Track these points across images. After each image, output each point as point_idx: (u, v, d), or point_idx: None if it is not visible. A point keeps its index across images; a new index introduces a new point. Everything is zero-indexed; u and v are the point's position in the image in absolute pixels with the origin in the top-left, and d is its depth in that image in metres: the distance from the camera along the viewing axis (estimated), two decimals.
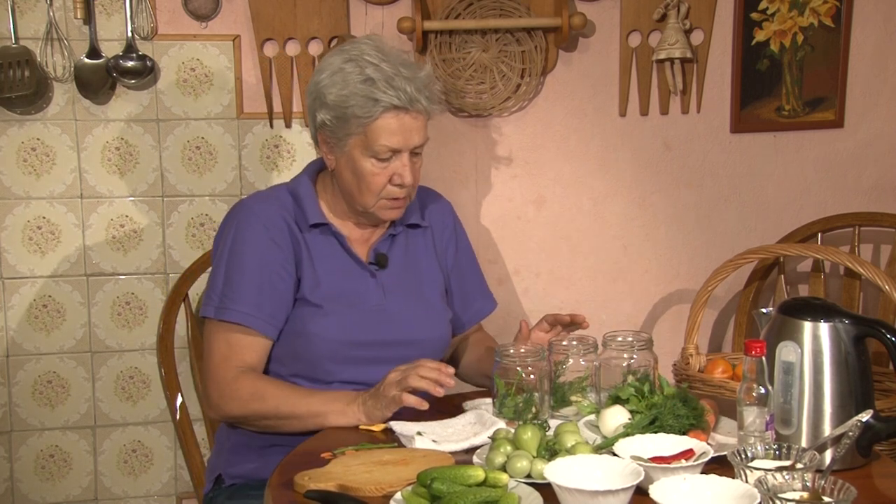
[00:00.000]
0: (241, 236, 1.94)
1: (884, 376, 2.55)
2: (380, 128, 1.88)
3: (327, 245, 1.98)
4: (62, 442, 2.62)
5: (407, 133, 1.90)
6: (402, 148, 1.90)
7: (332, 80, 1.91)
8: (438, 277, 2.10)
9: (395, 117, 1.88)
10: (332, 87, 1.91)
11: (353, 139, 1.91)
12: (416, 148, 1.93)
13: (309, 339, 1.91)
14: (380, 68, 1.88)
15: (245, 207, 1.99)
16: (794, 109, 2.82)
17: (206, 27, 2.56)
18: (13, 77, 2.43)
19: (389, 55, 1.92)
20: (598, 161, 2.78)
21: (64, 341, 2.59)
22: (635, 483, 1.37)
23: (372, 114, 1.87)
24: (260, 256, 1.92)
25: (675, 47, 2.66)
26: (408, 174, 1.91)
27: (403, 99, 1.87)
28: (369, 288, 1.98)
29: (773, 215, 2.88)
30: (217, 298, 1.91)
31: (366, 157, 1.90)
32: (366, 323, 1.95)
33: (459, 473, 1.42)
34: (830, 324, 1.59)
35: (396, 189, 1.93)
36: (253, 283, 1.90)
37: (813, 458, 1.41)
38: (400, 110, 1.88)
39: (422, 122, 1.92)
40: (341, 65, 1.92)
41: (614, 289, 2.84)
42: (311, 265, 1.95)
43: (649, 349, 1.80)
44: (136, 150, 2.57)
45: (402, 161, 1.91)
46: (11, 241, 2.54)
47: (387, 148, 1.89)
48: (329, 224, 1.99)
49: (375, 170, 1.91)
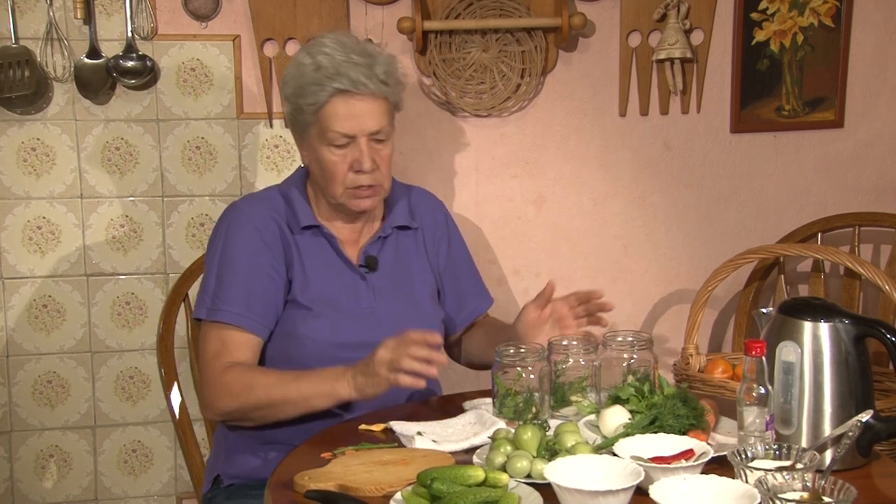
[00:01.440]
0: (233, 238, 1.95)
1: (884, 376, 2.56)
2: (330, 113, 1.89)
3: (318, 247, 1.98)
4: (62, 442, 2.62)
5: (358, 117, 1.89)
6: (356, 133, 1.90)
7: (290, 73, 1.95)
8: (429, 279, 2.10)
9: (343, 102, 1.89)
10: (291, 80, 1.94)
11: (312, 129, 1.93)
12: (374, 134, 1.92)
13: (300, 341, 1.92)
14: (331, 56, 1.89)
15: (236, 210, 2.00)
16: (794, 109, 2.82)
17: (206, 27, 2.56)
18: (13, 77, 2.43)
19: (347, 45, 1.92)
20: (598, 161, 2.78)
21: (64, 341, 2.59)
22: (635, 483, 1.37)
23: (318, 100, 1.89)
24: (250, 258, 1.93)
25: (675, 47, 2.66)
26: (366, 159, 1.90)
27: (347, 83, 1.87)
28: (360, 290, 1.98)
29: (773, 215, 2.88)
30: (209, 300, 1.92)
31: (324, 145, 1.92)
32: (356, 325, 1.95)
33: (459, 473, 1.42)
34: (830, 324, 1.59)
35: (361, 176, 1.92)
36: (244, 285, 1.91)
37: (813, 458, 1.41)
38: (346, 94, 1.88)
39: (376, 106, 1.91)
40: (300, 59, 1.94)
41: (614, 289, 2.84)
42: (302, 267, 1.96)
43: (649, 349, 1.80)
44: (136, 150, 2.57)
45: (359, 147, 1.90)
46: (11, 241, 2.54)
47: (339, 133, 1.89)
48: (320, 226, 1.99)
49: (335, 158, 1.91)
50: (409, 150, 2.68)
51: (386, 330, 1.94)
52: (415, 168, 2.68)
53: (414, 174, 2.65)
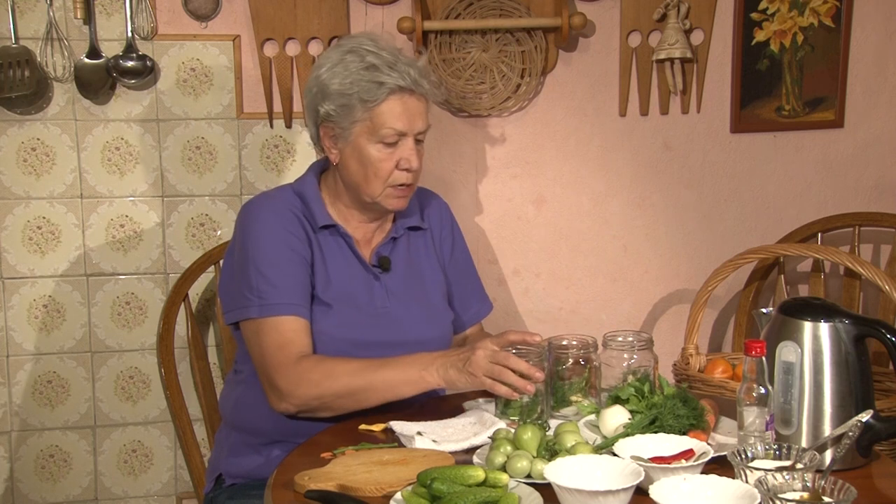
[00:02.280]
0: (260, 233, 1.94)
1: (884, 376, 2.56)
2: (386, 111, 1.91)
3: (336, 246, 1.99)
4: (62, 442, 2.62)
5: (412, 115, 1.92)
6: (408, 131, 1.92)
7: (333, 71, 1.94)
8: (440, 278, 2.11)
9: (400, 99, 1.91)
10: (335, 77, 1.93)
11: (359, 126, 1.92)
12: (420, 133, 1.95)
13: (315, 336, 1.92)
14: (379, 55, 1.92)
15: (255, 205, 2.00)
16: (794, 109, 2.82)
17: (206, 27, 2.56)
18: (13, 77, 2.43)
19: (388, 47, 1.96)
20: (598, 161, 2.78)
21: (64, 341, 2.59)
22: (635, 483, 1.37)
23: (377, 97, 1.90)
24: (284, 248, 1.93)
25: (675, 47, 2.66)
26: (414, 158, 1.93)
27: (408, 80, 1.91)
28: (374, 290, 1.99)
29: (773, 215, 2.88)
30: (256, 298, 1.89)
31: (372, 143, 1.92)
32: (371, 324, 1.96)
33: (459, 473, 1.42)
34: (830, 324, 1.59)
35: (403, 175, 1.94)
36: (287, 275, 1.91)
37: (813, 458, 1.41)
38: (405, 92, 1.91)
39: (424, 106, 1.96)
40: (341, 56, 1.95)
41: (614, 289, 2.84)
42: (323, 264, 1.97)
43: (649, 349, 1.81)
44: (136, 150, 2.57)
45: (408, 145, 1.93)
46: (11, 241, 2.54)
47: (393, 131, 1.91)
48: (337, 225, 2.00)
49: (382, 155, 1.92)
50: None
51: (399, 329, 1.97)
52: None
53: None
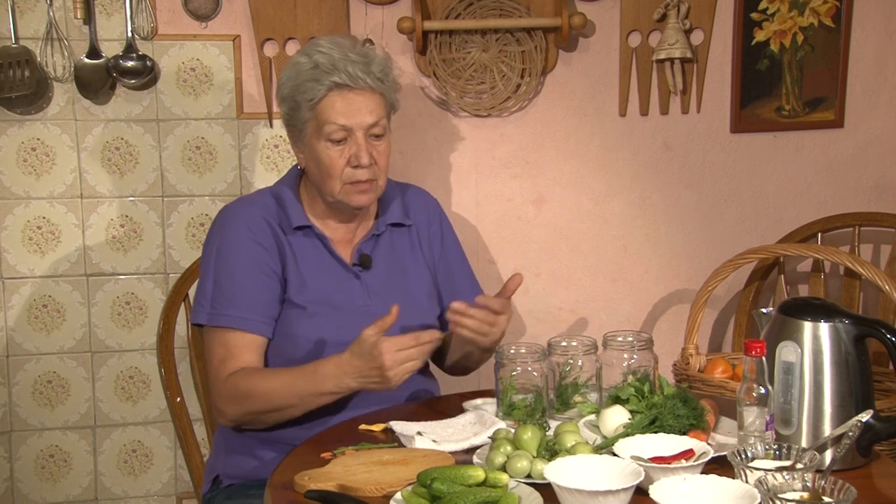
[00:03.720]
0: (227, 240, 1.95)
1: (884, 376, 2.55)
2: (326, 107, 1.91)
3: (311, 247, 1.99)
4: (62, 442, 2.62)
5: (355, 111, 1.91)
6: (353, 126, 1.91)
7: (287, 74, 1.97)
8: (425, 275, 2.10)
9: (340, 95, 1.91)
10: (288, 81, 1.96)
11: (309, 126, 1.94)
12: (371, 128, 1.93)
13: (295, 340, 1.92)
14: (328, 55, 1.92)
15: (228, 212, 2.01)
16: (794, 109, 2.82)
17: (206, 27, 2.56)
18: (13, 77, 2.43)
19: (344, 45, 1.94)
20: (598, 161, 2.78)
21: (64, 341, 2.59)
22: (635, 483, 1.37)
23: (316, 95, 1.91)
24: (247, 258, 1.93)
25: (675, 47, 2.66)
26: (363, 154, 1.91)
27: (345, 77, 1.90)
28: (354, 289, 1.98)
29: (773, 215, 2.88)
30: (208, 305, 1.92)
31: (321, 141, 1.93)
32: (351, 324, 1.93)
33: (459, 473, 1.42)
34: (830, 324, 1.59)
35: (357, 171, 1.93)
36: (243, 286, 1.92)
37: (813, 458, 1.41)
38: (343, 88, 1.91)
39: (373, 101, 1.93)
40: (297, 59, 1.97)
41: (614, 289, 2.84)
42: (297, 267, 1.96)
43: (649, 349, 1.80)
44: (136, 150, 2.57)
45: (357, 141, 1.92)
46: (11, 241, 2.54)
47: (336, 126, 1.91)
48: (312, 226, 2.00)
49: (333, 153, 1.92)
50: (409, 150, 2.68)
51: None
52: (415, 168, 2.68)
53: (414, 174, 2.65)
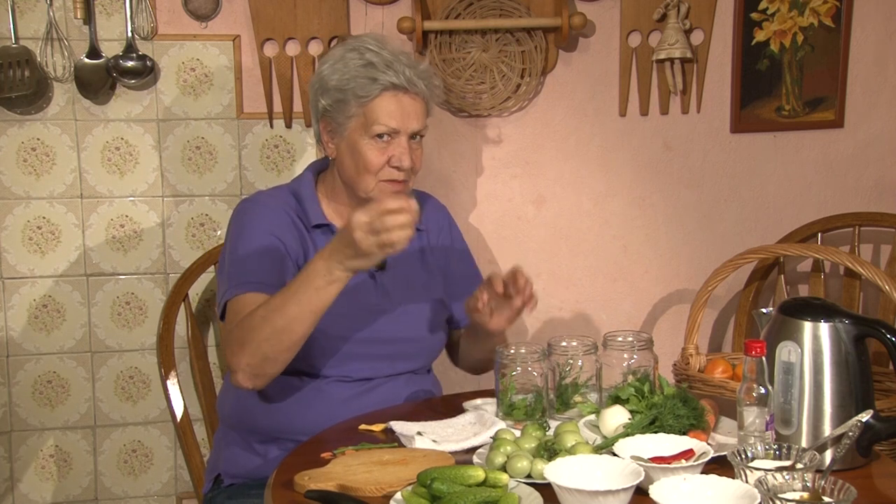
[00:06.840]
0: (251, 224, 1.96)
1: (884, 376, 2.56)
2: (378, 107, 1.93)
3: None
4: (62, 442, 2.62)
5: (405, 114, 1.94)
6: (401, 129, 1.94)
7: (333, 67, 1.97)
8: (436, 278, 2.12)
9: (394, 97, 1.93)
10: (334, 73, 1.97)
11: (354, 121, 1.95)
12: (415, 133, 1.96)
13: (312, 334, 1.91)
14: (380, 54, 1.94)
15: (251, 202, 2.03)
16: (794, 109, 2.82)
17: (206, 27, 2.56)
18: (13, 77, 2.43)
19: (390, 45, 1.98)
20: (598, 161, 2.78)
21: (64, 341, 2.59)
22: (635, 483, 1.37)
23: (370, 93, 1.92)
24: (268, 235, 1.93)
25: (675, 47, 2.66)
26: (406, 157, 1.94)
27: (402, 79, 1.92)
28: (369, 289, 2.00)
29: (773, 215, 2.88)
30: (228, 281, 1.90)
31: (365, 138, 1.94)
32: (366, 321, 1.96)
33: (459, 473, 1.42)
34: (830, 324, 1.59)
35: (394, 171, 1.95)
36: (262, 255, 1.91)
37: (813, 458, 1.41)
38: (398, 90, 1.93)
39: (420, 107, 1.97)
40: (343, 54, 1.98)
41: (614, 289, 2.84)
42: None
43: (649, 349, 1.80)
44: (136, 150, 2.57)
45: (401, 143, 1.94)
46: (11, 241, 2.54)
47: (385, 127, 1.93)
48: (330, 224, 2.01)
49: (374, 151, 1.94)
50: None
51: (393, 326, 1.97)
52: None
53: None
